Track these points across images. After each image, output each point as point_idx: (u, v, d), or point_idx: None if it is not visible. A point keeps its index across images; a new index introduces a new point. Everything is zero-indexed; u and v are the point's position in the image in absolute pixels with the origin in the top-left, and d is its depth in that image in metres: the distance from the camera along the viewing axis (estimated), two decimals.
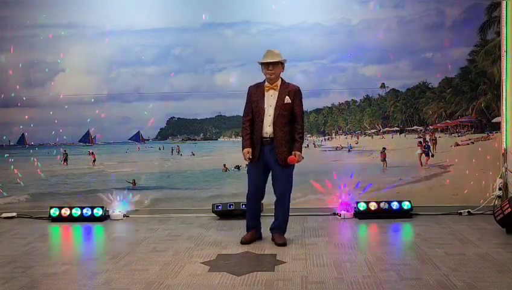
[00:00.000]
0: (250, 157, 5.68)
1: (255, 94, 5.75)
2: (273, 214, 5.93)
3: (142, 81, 7.75)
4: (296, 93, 5.72)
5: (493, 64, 7.32)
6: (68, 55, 7.74)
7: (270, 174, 5.82)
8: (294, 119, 5.72)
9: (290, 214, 5.93)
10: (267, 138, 5.67)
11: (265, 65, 5.65)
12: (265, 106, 5.68)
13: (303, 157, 5.75)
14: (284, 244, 5.66)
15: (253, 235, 5.86)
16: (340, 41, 7.46)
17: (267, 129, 5.66)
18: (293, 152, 5.64)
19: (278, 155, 5.61)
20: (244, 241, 5.75)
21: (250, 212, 5.92)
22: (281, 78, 5.76)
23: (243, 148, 5.75)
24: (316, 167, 7.65)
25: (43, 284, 4.54)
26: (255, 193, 5.84)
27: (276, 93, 5.68)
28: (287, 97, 5.66)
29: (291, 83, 5.79)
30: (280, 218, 5.83)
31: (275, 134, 5.64)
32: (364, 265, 4.89)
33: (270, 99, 5.69)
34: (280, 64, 5.68)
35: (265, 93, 5.71)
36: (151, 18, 7.52)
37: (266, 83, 5.74)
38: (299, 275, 4.61)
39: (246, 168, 6.06)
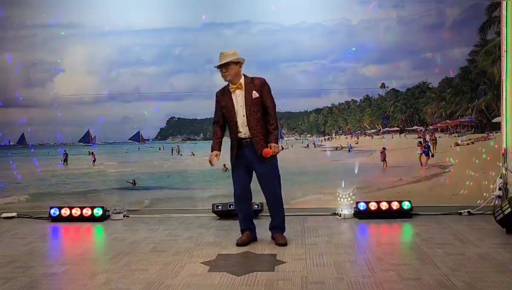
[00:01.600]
0: (218, 160, 5.70)
1: (223, 99, 5.69)
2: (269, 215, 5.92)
3: (142, 81, 7.75)
4: (262, 86, 5.62)
5: (493, 64, 7.32)
6: (68, 55, 7.74)
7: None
8: (266, 112, 5.64)
9: (290, 214, 5.93)
10: (245, 138, 5.62)
11: (219, 69, 5.61)
12: (235, 108, 5.62)
13: (282, 148, 5.69)
14: (285, 244, 5.64)
15: (249, 237, 5.80)
16: (340, 41, 7.47)
17: (243, 129, 5.61)
18: (268, 144, 5.58)
19: (258, 151, 5.56)
20: (240, 244, 5.70)
21: (241, 214, 5.88)
22: (244, 75, 5.67)
23: (212, 150, 5.75)
24: (316, 167, 7.66)
25: (43, 284, 4.54)
26: (242, 195, 5.79)
27: (243, 91, 5.61)
28: (254, 92, 5.58)
29: (256, 77, 5.69)
30: (276, 216, 5.81)
31: (251, 132, 5.58)
32: (364, 265, 4.89)
33: (239, 100, 5.62)
34: (233, 64, 5.57)
35: (232, 95, 5.64)
36: (151, 18, 7.52)
37: (230, 85, 5.67)
38: (299, 275, 4.61)
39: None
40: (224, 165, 7.83)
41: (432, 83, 7.57)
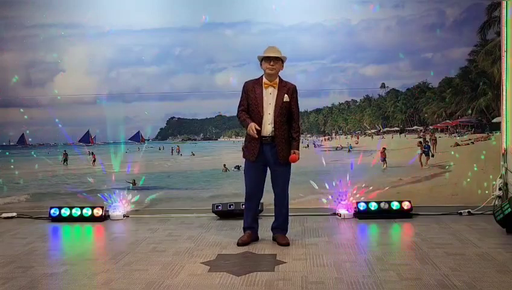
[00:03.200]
0: (259, 128, 5.48)
1: (252, 90, 5.65)
2: (272, 214, 5.92)
3: (142, 81, 7.76)
4: (293, 92, 5.67)
5: (493, 64, 7.32)
6: (68, 55, 7.75)
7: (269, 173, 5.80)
8: (291, 118, 5.67)
9: (290, 214, 5.94)
10: (266, 136, 5.61)
11: (267, 60, 5.56)
12: (264, 104, 5.61)
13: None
14: (287, 245, 5.64)
15: (251, 236, 5.80)
16: (340, 41, 7.47)
17: (267, 128, 5.60)
18: (293, 150, 5.62)
19: (279, 153, 5.58)
20: (241, 243, 5.70)
21: (248, 213, 5.87)
22: (279, 76, 5.71)
23: (247, 125, 5.52)
24: (316, 167, 7.65)
25: (43, 285, 4.54)
26: (255, 193, 5.80)
27: (276, 91, 5.62)
28: (285, 95, 5.61)
29: (289, 82, 5.74)
30: (281, 217, 5.82)
31: (275, 133, 5.59)
32: (364, 265, 4.89)
33: (269, 97, 5.62)
34: (281, 61, 5.63)
35: (264, 90, 5.63)
36: (151, 18, 7.53)
37: (265, 80, 5.65)
38: (299, 275, 4.61)
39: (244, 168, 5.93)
40: (224, 165, 7.84)
41: (432, 83, 7.57)
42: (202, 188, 7.74)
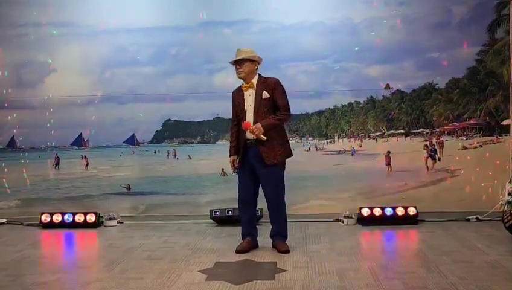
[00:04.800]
0: (237, 166, 5.76)
1: (237, 98, 5.75)
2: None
3: (138, 82, 7.77)
4: (275, 86, 5.63)
5: (502, 64, 7.34)
6: (60, 55, 7.76)
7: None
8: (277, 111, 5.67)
9: (290, 220, 5.94)
10: (250, 140, 5.62)
11: (234, 65, 5.67)
12: (245, 107, 5.66)
13: (264, 137, 5.52)
14: (286, 252, 5.64)
15: (250, 243, 5.79)
16: (343, 40, 7.48)
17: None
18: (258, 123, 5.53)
19: (262, 154, 5.56)
20: (240, 250, 5.69)
21: (244, 219, 5.87)
22: (258, 74, 5.70)
23: (230, 156, 5.85)
24: (318, 172, 7.67)
25: None
26: (246, 198, 5.80)
27: (254, 91, 5.64)
28: (264, 92, 5.58)
29: (270, 77, 5.71)
30: (277, 223, 5.81)
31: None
32: (368, 273, 4.90)
33: (249, 99, 5.65)
34: (249, 61, 5.61)
35: (244, 93, 5.68)
36: (147, 16, 7.54)
37: (243, 84, 5.72)
38: (300, 284, 4.61)
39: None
40: (223, 169, 7.84)
41: (438, 84, 7.59)
42: (199, 193, 7.74)
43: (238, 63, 5.62)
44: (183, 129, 8.24)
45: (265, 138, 5.50)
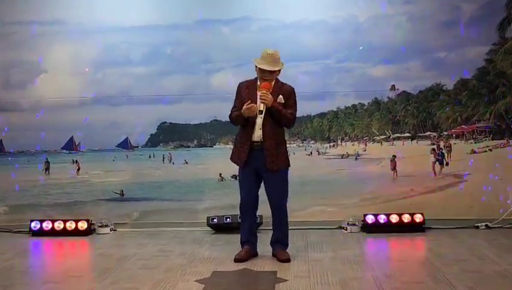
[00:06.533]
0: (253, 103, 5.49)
1: (246, 93, 5.67)
2: (271, 228, 5.94)
3: (131, 83, 7.78)
4: (290, 94, 5.66)
5: None
6: (51, 55, 7.77)
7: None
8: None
9: (292, 227, 5.94)
10: (257, 142, 5.61)
11: (262, 70, 5.61)
12: (257, 105, 5.59)
13: (267, 104, 5.50)
14: (287, 261, 5.64)
15: (249, 252, 5.78)
16: (346, 39, 7.50)
17: (258, 132, 5.60)
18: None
19: (267, 159, 5.58)
20: (239, 259, 5.68)
21: (244, 225, 5.87)
22: (277, 78, 5.70)
23: (241, 114, 5.53)
24: (320, 176, 7.68)
25: None
26: (248, 201, 5.79)
27: (269, 92, 5.61)
28: (280, 96, 5.59)
29: (286, 83, 5.72)
30: (279, 230, 5.82)
31: (264, 137, 5.58)
32: (373, 283, 4.90)
33: None
34: (278, 72, 5.63)
35: (258, 92, 5.63)
36: (141, 14, 7.55)
37: (260, 82, 5.64)
38: None
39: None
40: (220, 174, 7.85)
41: (446, 85, 7.62)
42: (196, 199, 7.75)
43: (270, 72, 5.57)
44: (179, 132, 8.26)
45: (267, 102, 5.45)
